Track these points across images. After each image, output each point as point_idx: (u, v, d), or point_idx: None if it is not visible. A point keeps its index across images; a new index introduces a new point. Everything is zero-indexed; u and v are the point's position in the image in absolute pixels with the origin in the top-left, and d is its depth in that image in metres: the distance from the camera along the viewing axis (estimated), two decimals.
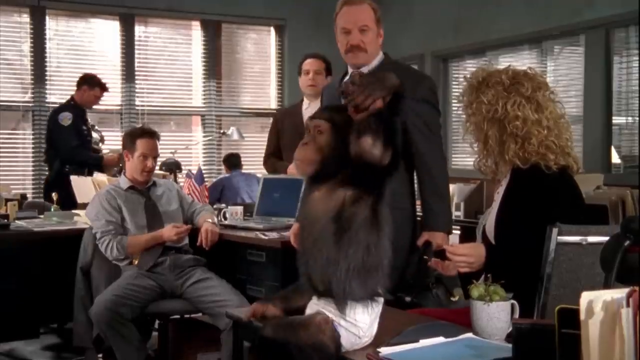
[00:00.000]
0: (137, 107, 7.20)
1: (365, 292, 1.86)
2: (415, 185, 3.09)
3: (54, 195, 4.85)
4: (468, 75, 2.36)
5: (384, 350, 1.81)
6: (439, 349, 1.82)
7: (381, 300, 1.94)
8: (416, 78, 3.11)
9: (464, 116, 2.39)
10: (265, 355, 1.91)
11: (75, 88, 6.01)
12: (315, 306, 1.93)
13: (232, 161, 6.75)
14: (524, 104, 2.21)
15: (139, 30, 7.25)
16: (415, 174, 3.06)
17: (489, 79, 2.27)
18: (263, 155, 4.51)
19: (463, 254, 2.19)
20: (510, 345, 1.73)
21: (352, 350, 1.89)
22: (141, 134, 3.95)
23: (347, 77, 3.19)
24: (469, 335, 1.91)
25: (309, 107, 4.24)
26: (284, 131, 4.30)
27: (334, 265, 1.83)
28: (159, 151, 4.07)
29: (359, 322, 1.87)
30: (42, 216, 4.65)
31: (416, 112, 2.99)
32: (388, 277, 1.91)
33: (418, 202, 3.12)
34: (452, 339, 1.88)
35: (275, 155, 4.33)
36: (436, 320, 2.13)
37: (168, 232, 3.78)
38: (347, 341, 1.87)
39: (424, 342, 1.85)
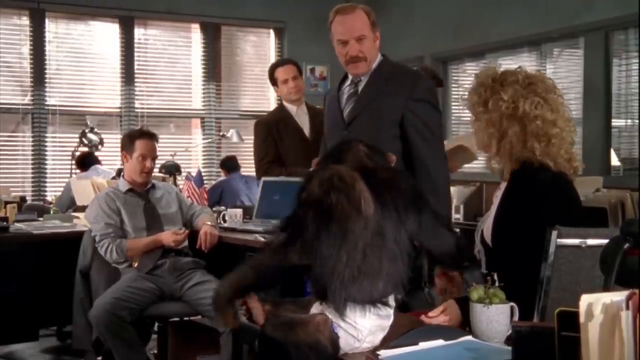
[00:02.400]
0: (136, 110, 7.20)
1: (364, 297, 1.85)
2: None
3: None
4: (478, 74, 2.33)
5: (384, 353, 1.81)
6: (438, 352, 1.82)
7: (389, 310, 1.92)
8: (414, 78, 3.11)
9: (464, 118, 2.38)
10: (264, 354, 1.91)
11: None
12: (319, 306, 1.93)
13: (229, 164, 6.74)
14: (542, 104, 2.20)
15: (138, 32, 7.26)
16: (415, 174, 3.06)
17: (504, 77, 2.25)
18: (257, 164, 4.34)
19: (438, 320, 2.11)
20: (509, 348, 1.73)
21: (352, 354, 1.88)
22: (139, 135, 3.96)
23: (347, 81, 3.19)
24: (469, 337, 1.91)
25: (298, 112, 4.29)
26: (283, 138, 4.25)
27: (329, 277, 1.83)
28: (159, 153, 4.08)
29: (358, 325, 1.87)
30: (41, 219, 4.65)
31: (414, 112, 3.00)
32: (399, 286, 1.89)
33: None
34: (452, 341, 1.88)
35: (276, 163, 4.26)
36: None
37: (167, 238, 3.78)
38: (346, 343, 1.87)
39: (424, 345, 1.85)
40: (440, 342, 1.87)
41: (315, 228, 1.82)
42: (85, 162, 6.13)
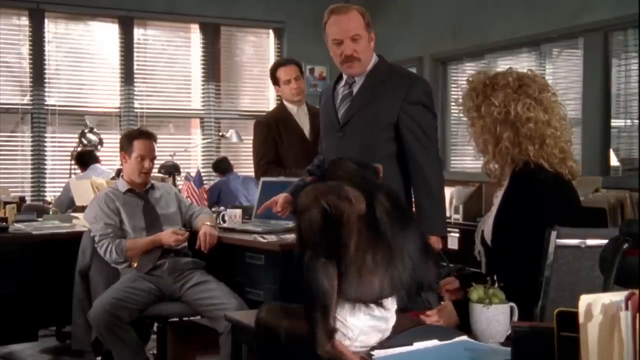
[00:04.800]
0: (136, 110, 7.20)
1: (356, 295, 1.84)
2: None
3: None
4: (470, 79, 2.34)
5: (377, 353, 1.81)
6: (434, 352, 1.82)
7: (385, 313, 1.91)
8: (410, 80, 3.09)
9: (464, 119, 2.38)
10: (258, 338, 1.93)
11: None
12: None
13: (223, 166, 6.75)
14: (534, 106, 2.20)
15: (137, 33, 7.25)
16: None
17: (495, 81, 2.26)
18: (256, 164, 4.32)
19: (432, 321, 2.13)
20: (505, 349, 1.73)
21: None
22: (138, 135, 3.95)
23: (342, 82, 3.18)
24: (464, 338, 1.91)
25: (299, 112, 4.30)
26: (283, 138, 4.25)
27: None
28: (158, 154, 4.08)
29: (348, 323, 1.86)
30: (40, 219, 4.65)
31: (409, 114, 2.99)
32: (398, 288, 1.90)
33: None
34: (447, 342, 1.88)
35: (276, 163, 4.26)
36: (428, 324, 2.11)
37: (167, 237, 3.78)
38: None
39: (418, 345, 1.84)
40: (434, 342, 1.86)
41: (317, 231, 1.84)
42: (85, 160, 6.12)
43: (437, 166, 3.06)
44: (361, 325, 1.87)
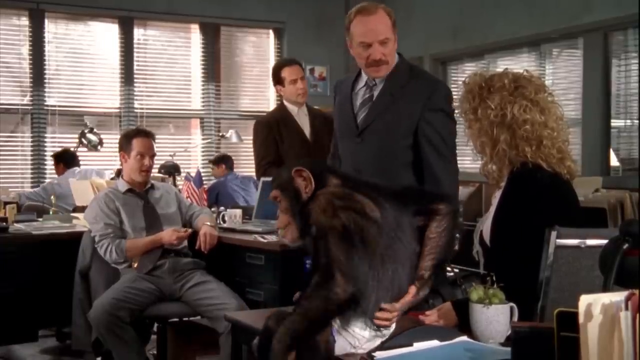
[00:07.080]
0: (136, 110, 7.20)
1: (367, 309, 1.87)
2: None
3: None
4: (466, 80, 2.34)
5: (379, 355, 1.81)
6: (435, 353, 1.82)
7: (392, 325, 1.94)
8: (431, 86, 2.98)
9: (461, 120, 2.38)
10: (263, 345, 1.93)
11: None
12: None
13: (227, 161, 6.75)
14: (530, 107, 2.20)
15: (137, 33, 7.26)
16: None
17: (491, 83, 2.25)
18: (257, 164, 4.29)
19: (431, 321, 2.13)
20: (506, 349, 1.73)
21: (346, 355, 1.89)
22: (136, 134, 3.96)
23: (361, 81, 3.06)
24: (464, 338, 1.91)
25: (299, 113, 4.26)
26: (284, 138, 4.22)
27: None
28: (158, 154, 4.08)
29: (357, 334, 1.89)
30: (40, 219, 4.64)
31: (429, 122, 2.89)
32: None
33: None
34: (447, 342, 1.88)
35: (276, 164, 4.23)
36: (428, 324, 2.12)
37: (168, 236, 3.77)
38: (341, 349, 1.89)
39: (419, 346, 1.85)
40: (435, 343, 1.87)
41: (344, 254, 1.83)
42: (68, 158, 6.02)
43: (454, 176, 2.96)
44: (368, 335, 1.91)
